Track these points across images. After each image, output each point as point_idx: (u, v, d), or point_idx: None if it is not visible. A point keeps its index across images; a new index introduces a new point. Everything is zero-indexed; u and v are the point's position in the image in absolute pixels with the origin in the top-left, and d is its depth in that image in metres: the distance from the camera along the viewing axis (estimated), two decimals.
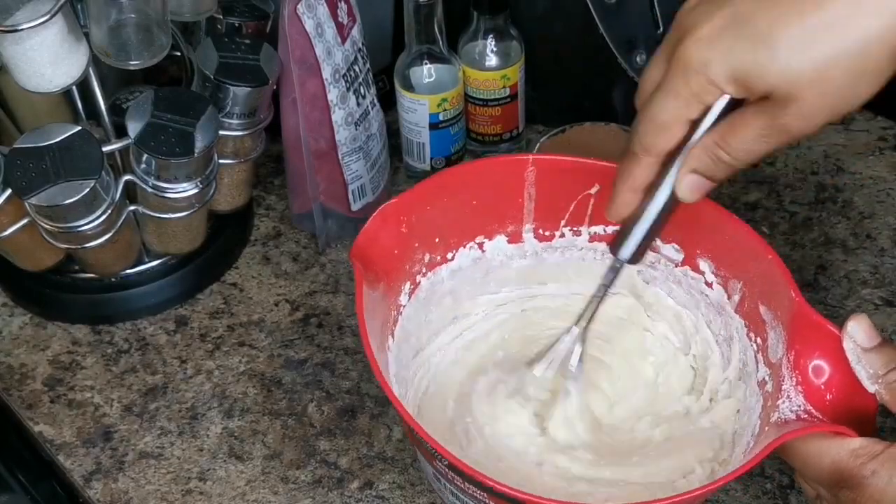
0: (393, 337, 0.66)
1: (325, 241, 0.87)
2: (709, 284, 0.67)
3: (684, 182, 0.54)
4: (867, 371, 0.54)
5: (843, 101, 0.49)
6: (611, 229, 0.69)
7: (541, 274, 0.72)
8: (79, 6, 0.73)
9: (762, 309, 0.62)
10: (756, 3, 0.48)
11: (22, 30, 0.66)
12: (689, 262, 0.67)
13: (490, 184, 0.68)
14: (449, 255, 0.70)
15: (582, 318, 0.63)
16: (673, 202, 0.55)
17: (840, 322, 0.56)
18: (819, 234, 0.85)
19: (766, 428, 0.57)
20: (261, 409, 0.76)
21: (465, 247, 0.70)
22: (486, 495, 0.55)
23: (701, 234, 0.66)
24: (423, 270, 0.69)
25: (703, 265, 0.66)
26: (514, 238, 0.71)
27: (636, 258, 0.58)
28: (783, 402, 0.57)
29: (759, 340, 0.62)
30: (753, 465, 0.54)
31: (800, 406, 0.56)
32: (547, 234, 0.71)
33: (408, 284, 0.68)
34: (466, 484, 0.56)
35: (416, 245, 0.67)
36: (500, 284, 0.72)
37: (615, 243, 0.59)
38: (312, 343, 0.80)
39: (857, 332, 0.55)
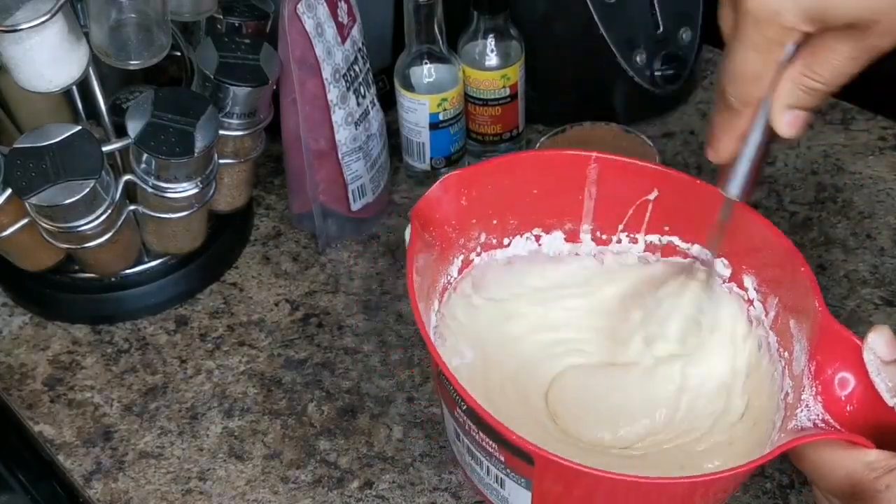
0: (440, 302, 0.66)
1: (325, 241, 0.87)
2: (749, 301, 0.66)
3: (783, 119, 0.54)
4: (886, 384, 0.53)
5: None
6: (665, 239, 0.69)
7: (597, 280, 0.72)
8: (79, 6, 0.73)
9: (791, 322, 0.61)
10: None
11: (22, 30, 0.66)
12: (736, 278, 0.67)
13: (552, 175, 0.67)
14: (505, 241, 0.69)
15: (711, 248, 0.65)
16: (768, 138, 0.56)
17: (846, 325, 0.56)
18: (819, 233, 0.85)
19: (782, 435, 0.56)
20: (261, 409, 0.76)
21: (521, 236, 0.70)
22: (496, 447, 0.55)
23: (746, 248, 0.65)
24: (479, 250, 0.69)
25: (748, 281, 0.66)
26: (572, 237, 0.70)
27: (743, 194, 0.60)
28: (801, 410, 0.56)
29: (786, 355, 0.62)
30: (763, 463, 0.53)
31: (818, 415, 0.55)
32: (604, 237, 0.70)
33: (461, 259, 0.68)
34: (482, 435, 0.56)
35: (474, 221, 0.67)
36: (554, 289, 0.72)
37: (723, 182, 0.59)
38: (312, 343, 0.80)
39: (878, 344, 0.53)
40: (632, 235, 0.70)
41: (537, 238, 0.70)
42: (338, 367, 0.78)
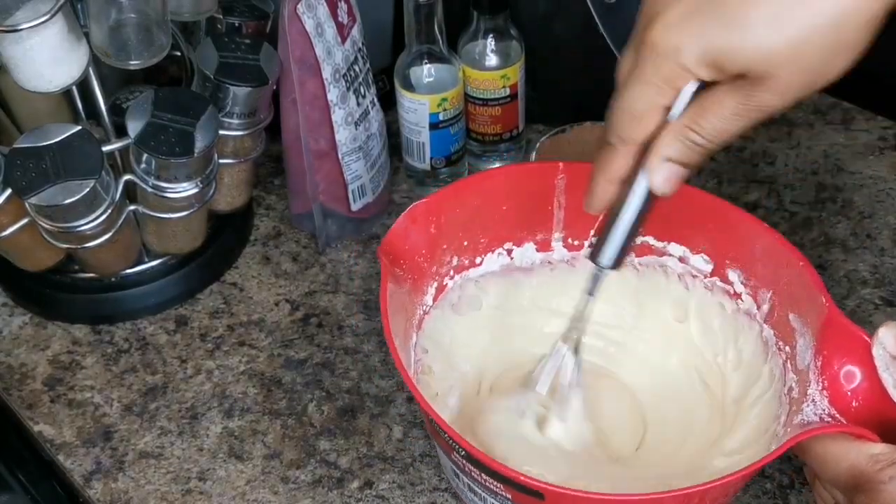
0: (417, 335, 0.66)
1: (325, 241, 0.87)
2: (737, 295, 0.66)
3: (658, 172, 0.52)
4: (895, 379, 0.53)
5: (819, 77, 0.48)
6: (640, 240, 0.68)
7: (567, 288, 0.72)
8: (79, 6, 0.73)
9: (792, 317, 0.61)
10: None
11: (22, 30, 0.66)
12: (719, 272, 0.67)
13: (520, 190, 0.68)
14: (477, 260, 0.70)
15: (571, 331, 0.62)
16: (651, 198, 0.54)
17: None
18: (819, 233, 0.85)
19: (788, 429, 0.57)
20: (261, 409, 0.76)
21: (493, 252, 0.70)
22: (502, 487, 0.55)
23: (730, 244, 0.65)
24: (451, 273, 0.69)
25: (732, 275, 0.66)
26: (543, 246, 0.71)
27: (618, 263, 0.56)
28: (807, 405, 0.56)
29: (787, 349, 0.62)
30: (771, 460, 0.53)
31: (824, 410, 0.55)
32: (576, 243, 0.71)
33: (434, 286, 0.68)
34: (485, 476, 0.56)
35: (445, 247, 0.67)
36: (530, 293, 0.72)
37: (595, 250, 0.57)
38: (312, 343, 0.80)
39: (888, 339, 0.54)
40: None
41: (509, 252, 0.71)
42: (338, 367, 0.78)
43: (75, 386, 0.78)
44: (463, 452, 0.55)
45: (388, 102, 0.90)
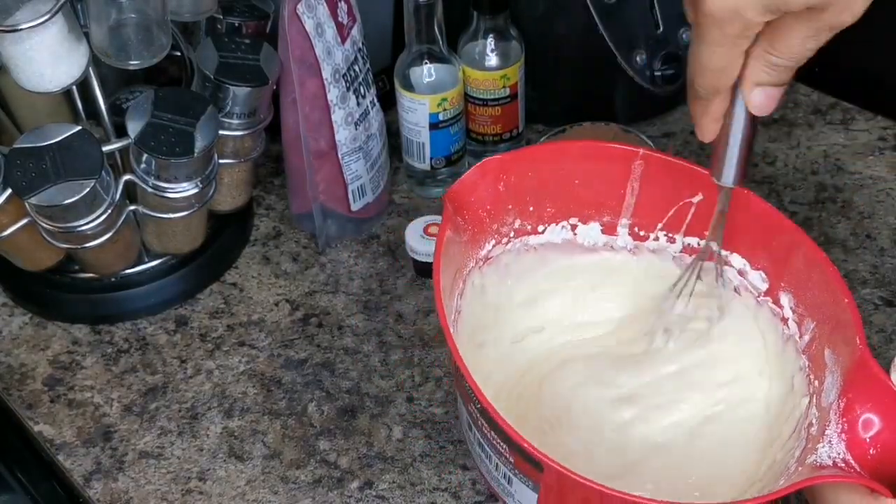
0: (464, 284, 0.66)
1: (325, 241, 0.87)
2: (784, 320, 0.65)
3: (752, 97, 0.55)
4: None
5: None
6: (703, 243, 0.68)
7: (627, 272, 0.71)
8: (79, 6, 0.73)
9: (827, 352, 0.60)
10: None
11: (22, 30, 0.66)
12: (772, 293, 0.66)
13: (595, 166, 0.67)
14: (540, 228, 0.69)
15: (703, 253, 0.65)
16: (750, 119, 0.57)
17: None
18: (819, 234, 0.85)
19: (800, 468, 0.55)
20: (261, 409, 0.76)
21: (557, 224, 0.69)
22: (507, 449, 0.55)
23: (788, 266, 0.64)
24: (511, 235, 0.68)
25: (784, 299, 0.65)
26: (609, 230, 0.70)
27: (738, 180, 0.60)
28: (823, 446, 0.55)
29: (816, 383, 0.60)
30: (776, 499, 0.52)
31: (839, 454, 0.54)
32: (642, 233, 0.69)
33: (492, 243, 0.67)
34: (493, 434, 0.56)
35: (510, 207, 0.66)
36: (584, 274, 0.72)
37: (714, 171, 0.60)
38: (312, 343, 0.80)
39: None
40: (670, 235, 0.69)
41: (573, 227, 0.70)
42: (338, 367, 0.78)
43: (75, 386, 0.78)
44: (479, 406, 0.55)
45: (388, 102, 0.90)
